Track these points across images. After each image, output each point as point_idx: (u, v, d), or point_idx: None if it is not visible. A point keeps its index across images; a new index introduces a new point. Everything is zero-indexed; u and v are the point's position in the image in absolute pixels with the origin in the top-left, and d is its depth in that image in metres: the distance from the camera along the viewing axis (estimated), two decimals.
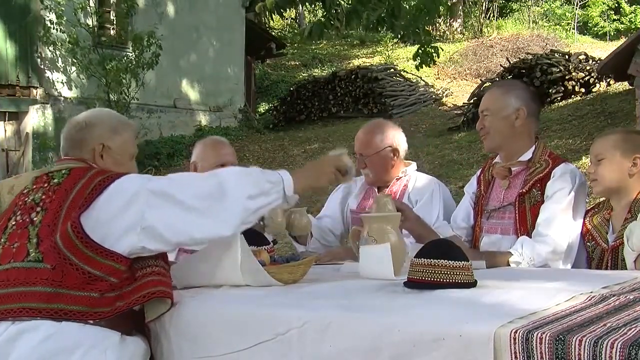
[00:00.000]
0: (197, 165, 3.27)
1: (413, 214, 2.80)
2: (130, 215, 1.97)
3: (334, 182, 2.29)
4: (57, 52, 12.70)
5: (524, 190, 2.77)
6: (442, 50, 8.69)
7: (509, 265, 2.59)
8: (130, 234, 1.96)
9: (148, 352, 2.06)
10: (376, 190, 3.26)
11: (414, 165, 3.31)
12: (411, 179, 3.24)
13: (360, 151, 3.21)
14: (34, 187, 2.10)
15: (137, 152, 2.36)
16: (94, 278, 1.94)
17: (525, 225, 2.74)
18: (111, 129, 2.25)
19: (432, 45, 7.32)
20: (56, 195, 2.03)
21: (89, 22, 12.90)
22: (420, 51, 7.21)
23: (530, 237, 2.68)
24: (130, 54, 12.85)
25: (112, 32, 13.64)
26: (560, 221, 2.65)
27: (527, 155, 2.82)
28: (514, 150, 2.84)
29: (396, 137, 3.25)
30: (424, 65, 7.35)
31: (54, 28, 12.13)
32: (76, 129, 2.22)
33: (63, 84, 13.21)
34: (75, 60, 12.38)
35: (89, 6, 12.70)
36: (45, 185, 2.08)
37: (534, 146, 2.84)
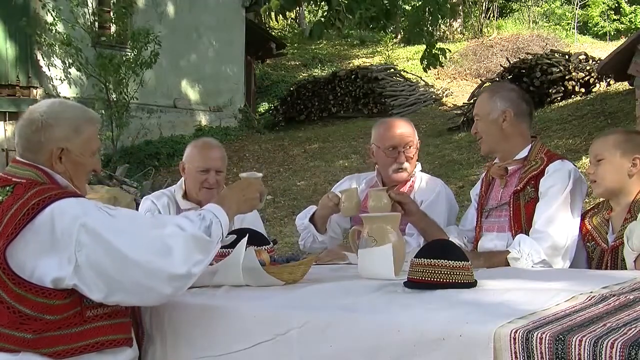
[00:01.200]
0: (184, 166, 3.28)
1: (414, 207, 2.81)
2: (59, 252, 1.81)
3: (256, 208, 2.28)
4: (56, 52, 12.67)
5: (518, 188, 2.79)
6: (450, 51, 8.69)
7: (508, 263, 2.60)
8: (60, 270, 1.81)
9: (132, 353, 2.01)
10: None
11: (419, 166, 3.30)
12: (417, 180, 3.23)
13: (407, 143, 3.14)
14: None
15: (100, 146, 2.16)
16: (26, 317, 1.81)
17: (519, 222, 2.75)
18: (72, 129, 2.04)
19: (439, 47, 7.34)
20: None
21: (89, 21, 12.88)
22: (426, 53, 7.22)
23: (526, 234, 2.68)
24: (130, 53, 12.84)
25: (111, 31, 13.63)
26: (557, 217, 2.66)
27: (522, 154, 2.85)
28: (509, 151, 2.87)
29: None
30: (431, 67, 7.36)
31: (49, 29, 12.09)
32: (32, 129, 2.02)
33: (62, 80, 13.18)
34: (71, 61, 12.33)
35: (87, 6, 12.66)
36: None
37: (530, 145, 2.86)
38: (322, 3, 6.26)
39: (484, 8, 23.35)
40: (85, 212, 1.85)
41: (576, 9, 23.60)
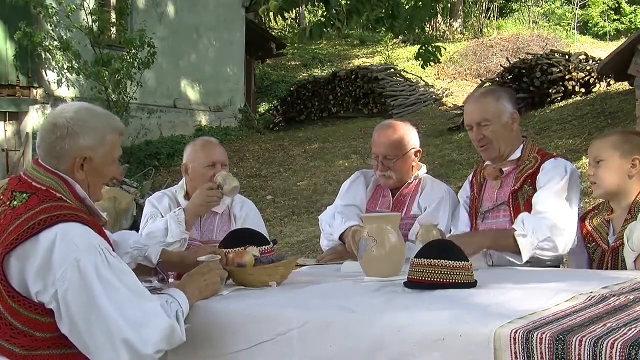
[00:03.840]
0: (188, 166, 3.25)
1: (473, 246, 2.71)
2: (48, 273, 1.79)
3: (217, 292, 2.16)
4: (56, 58, 12.64)
5: (515, 188, 2.80)
6: (445, 49, 8.65)
7: (516, 241, 2.54)
8: (44, 290, 1.80)
9: None
10: (388, 189, 3.21)
11: (424, 168, 3.23)
12: (421, 183, 3.16)
13: (387, 153, 3.08)
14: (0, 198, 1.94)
15: (121, 153, 2.11)
16: (17, 331, 1.80)
17: None
18: (97, 139, 2.00)
19: (435, 44, 7.30)
20: (4, 220, 1.86)
21: (88, 23, 12.85)
22: (421, 50, 7.17)
23: None
24: (126, 55, 12.82)
25: (112, 32, 13.62)
26: (556, 201, 2.66)
27: (516, 154, 2.86)
28: (507, 152, 2.86)
29: (416, 138, 3.19)
30: (428, 65, 7.29)
31: (45, 37, 12.05)
32: (56, 135, 1.96)
33: (62, 82, 13.16)
34: (70, 64, 12.31)
35: (85, 7, 12.62)
36: (7, 202, 1.90)
37: (522, 145, 2.87)
38: (321, 4, 6.22)
39: (484, 8, 23.36)
40: (85, 248, 1.82)
41: (576, 9, 23.61)
